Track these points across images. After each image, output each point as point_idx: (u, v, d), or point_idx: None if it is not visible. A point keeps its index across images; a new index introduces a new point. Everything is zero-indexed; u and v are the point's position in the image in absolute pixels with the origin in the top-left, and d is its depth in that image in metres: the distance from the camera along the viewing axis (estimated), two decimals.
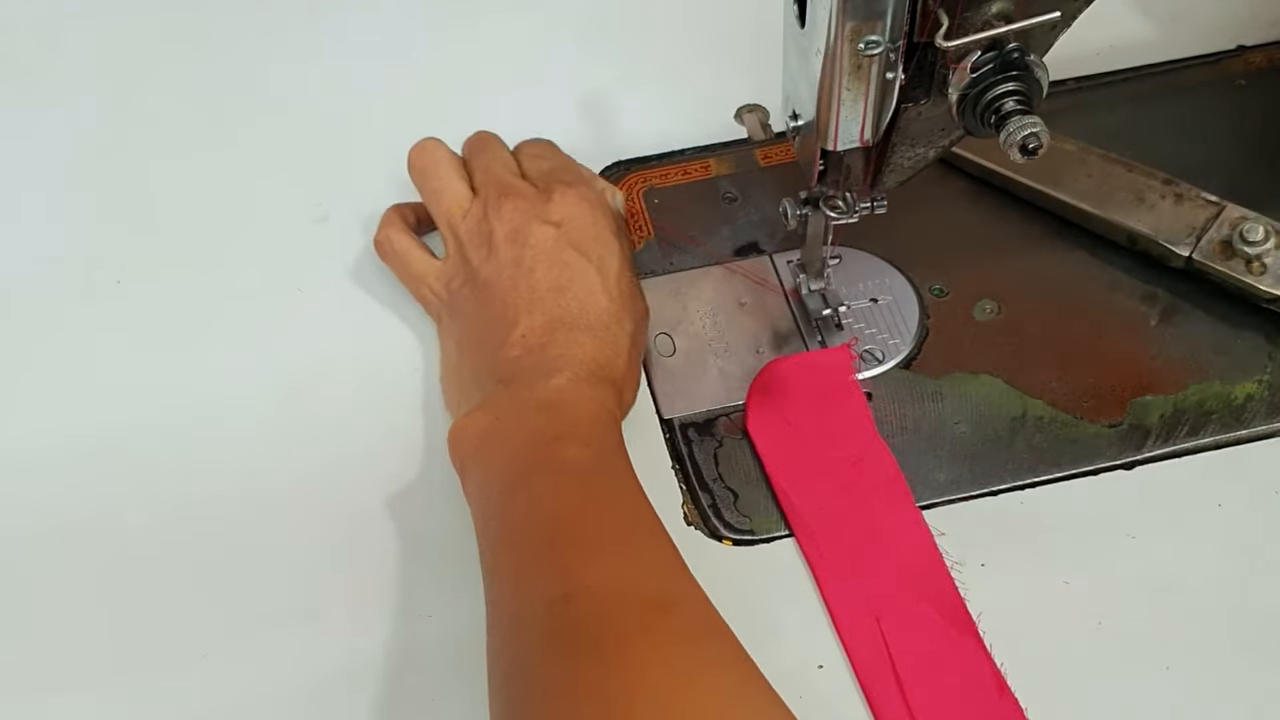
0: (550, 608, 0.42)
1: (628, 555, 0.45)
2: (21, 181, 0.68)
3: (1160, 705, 0.47)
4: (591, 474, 0.48)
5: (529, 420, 0.49)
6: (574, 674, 0.40)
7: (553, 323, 0.53)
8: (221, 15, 0.75)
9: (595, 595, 0.42)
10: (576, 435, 0.49)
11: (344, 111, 0.70)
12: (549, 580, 0.43)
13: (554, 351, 0.52)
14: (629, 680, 0.39)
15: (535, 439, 0.48)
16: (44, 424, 0.58)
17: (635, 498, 0.48)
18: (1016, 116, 0.44)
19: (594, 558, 0.44)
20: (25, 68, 0.74)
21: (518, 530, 0.46)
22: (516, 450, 0.48)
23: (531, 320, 0.53)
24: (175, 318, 0.61)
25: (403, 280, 0.60)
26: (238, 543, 0.53)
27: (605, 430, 0.50)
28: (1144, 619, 0.49)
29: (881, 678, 0.48)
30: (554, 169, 0.59)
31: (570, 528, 0.45)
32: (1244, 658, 0.48)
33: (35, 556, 0.53)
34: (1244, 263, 0.57)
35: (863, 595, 0.50)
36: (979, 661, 0.48)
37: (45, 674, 0.50)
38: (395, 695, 0.49)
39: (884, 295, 0.59)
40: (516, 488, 0.47)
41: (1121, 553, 0.51)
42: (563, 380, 0.51)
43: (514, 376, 0.51)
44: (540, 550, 0.45)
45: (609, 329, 0.53)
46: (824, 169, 0.51)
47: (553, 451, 0.48)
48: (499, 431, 0.49)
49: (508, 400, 0.50)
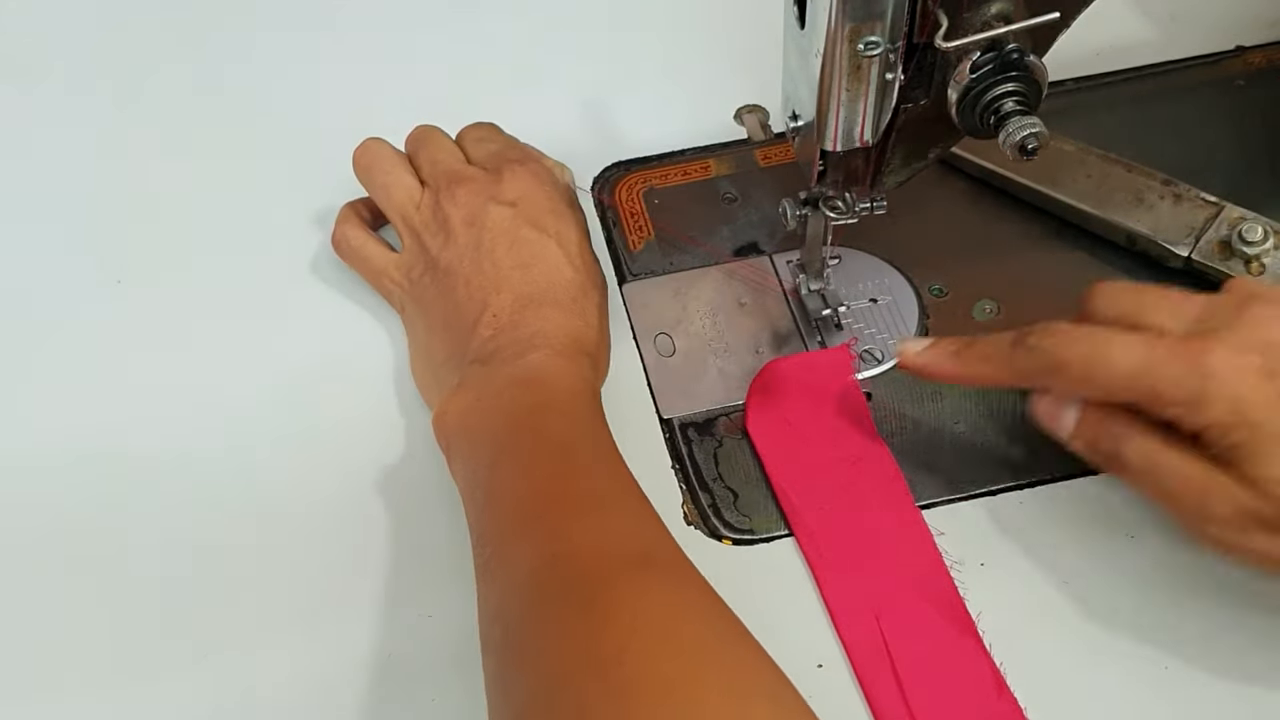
0: (538, 571, 0.44)
1: (609, 517, 0.46)
2: (21, 181, 0.68)
3: (1160, 705, 0.47)
4: (572, 444, 0.49)
5: (509, 395, 0.50)
6: (567, 628, 0.41)
7: (521, 300, 0.53)
8: (221, 15, 0.75)
9: (581, 555, 0.44)
10: (555, 407, 0.50)
11: (344, 111, 0.69)
12: (536, 544, 0.45)
13: (526, 329, 0.52)
14: (619, 629, 0.40)
15: (516, 412, 0.50)
16: (44, 424, 0.58)
17: (614, 465, 0.49)
18: (1016, 117, 0.44)
19: (577, 521, 0.46)
20: (25, 67, 0.74)
21: (504, 500, 0.47)
22: (498, 425, 0.49)
23: (500, 299, 0.54)
24: (175, 317, 0.61)
25: (363, 275, 0.60)
26: (238, 543, 0.53)
27: (584, 401, 0.51)
28: (1144, 619, 0.49)
29: (881, 677, 0.48)
30: (500, 150, 0.60)
31: (554, 494, 0.47)
32: (1244, 658, 0.48)
33: (35, 556, 0.53)
34: (1243, 263, 0.57)
35: (862, 594, 0.50)
36: (978, 661, 0.48)
37: (45, 674, 0.50)
38: (395, 695, 0.49)
39: (884, 295, 0.59)
40: (500, 460, 0.49)
41: (1121, 553, 0.51)
42: (539, 356, 0.51)
43: (490, 356, 0.52)
44: (526, 517, 0.46)
45: (576, 301, 0.54)
46: (824, 169, 0.51)
47: (533, 422, 0.49)
48: (480, 409, 0.50)
49: (486, 378, 0.51)
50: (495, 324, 0.53)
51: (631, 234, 0.63)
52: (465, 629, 0.50)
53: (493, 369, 0.51)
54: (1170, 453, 0.45)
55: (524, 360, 0.51)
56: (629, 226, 0.63)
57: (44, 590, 0.53)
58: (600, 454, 0.50)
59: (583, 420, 0.51)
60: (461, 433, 0.51)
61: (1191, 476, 0.44)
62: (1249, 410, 0.42)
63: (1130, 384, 0.44)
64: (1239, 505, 0.43)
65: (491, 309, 0.53)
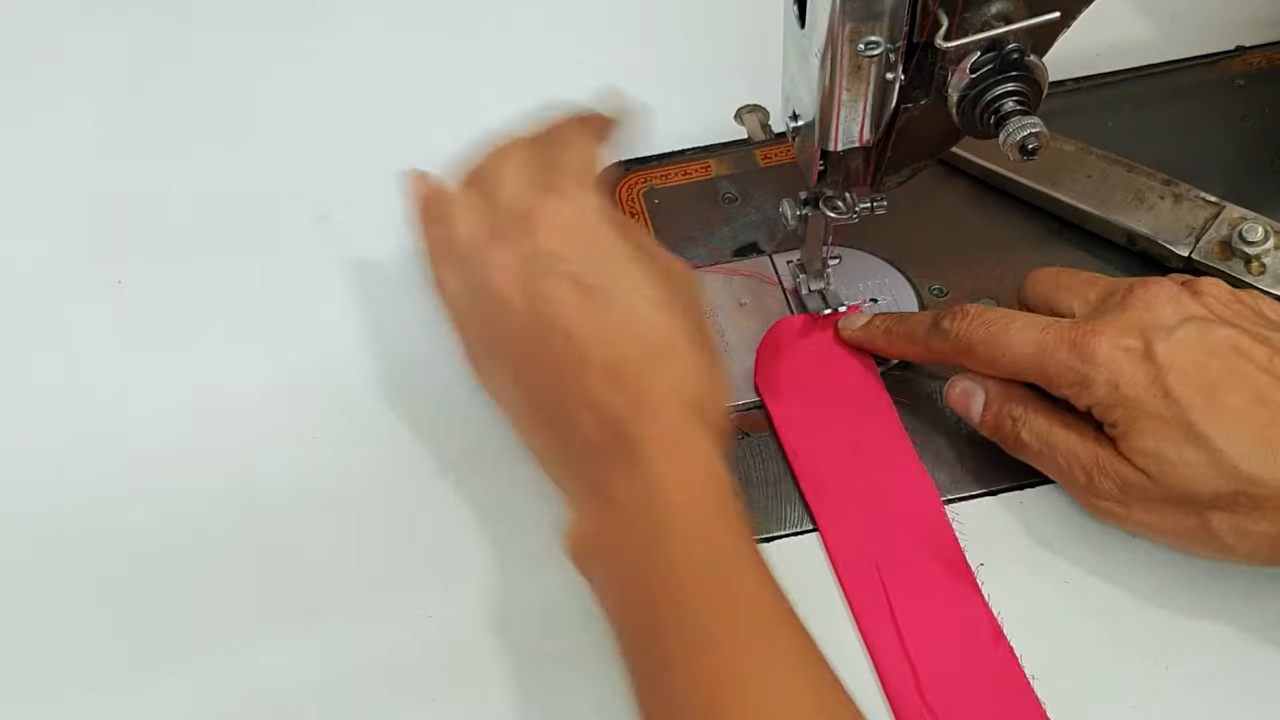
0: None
1: (781, 699, 0.40)
2: (22, 181, 0.68)
3: (1160, 705, 0.47)
4: (716, 632, 0.42)
5: (632, 544, 0.44)
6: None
7: (609, 370, 0.46)
8: (221, 15, 0.75)
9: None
10: (691, 561, 0.43)
11: (344, 111, 0.70)
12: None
13: (626, 413, 0.45)
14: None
15: (648, 570, 0.43)
16: (44, 424, 0.58)
17: (768, 631, 0.42)
18: (1016, 117, 0.44)
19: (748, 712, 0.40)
20: (25, 67, 0.74)
21: (647, 682, 0.43)
22: (631, 580, 0.44)
23: (586, 379, 0.46)
24: (175, 317, 0.61)
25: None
26: (238, 542, 0.53)
27: (720, 524, 0.44)
28: (1144, 619, 0.49)
29: (881, 625, 0.49)
30: (552, 159, 0.52)
31: (716, 697, 0.41)
32: (1244, 658, 0.48)
33: (35, 556, 0.53)
34: (1243, 263, 0.57)
35: (864, 545, 0.51)
36: (976, 610, 0.49)
37: (45, 674, 0.50)
38: (395, 695, 0.49)
39: (884, 295, 0.59)
40: (638, 631, 0.43)
41: (1121, 553, 0.51)
42: (655, 460, 0.44)
43: (597, 456, 0.46)
44: (673, 707, 0.41)
45: (669, 341, 0.47)
46: (824, 169, 0.51)
47: (671, 596, 0.42)
48: (606, 543, 0.45)
49: (604, 501, 0.45)
50: (592, 410, 0.46)
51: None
52: (465, 629, 0.50)
53: (605, 475, 0.45)
54: (1061, 433, 0.49)
55: (640, 471, 0.44)
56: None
57: (44, 590, 0.53)
58: (750, 623, 0.43)
59: (723, 560, 0.43)
60: (596, 568, 0.46)
61: (1079, 454, 0.48)
62: (1126, 390, 0.46)
63: (1026, 366, 0.49)
64: (1120, 479, 0.47)
65: (579, 397, 0.46)
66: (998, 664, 0.47)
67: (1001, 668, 0.47)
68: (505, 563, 0.52)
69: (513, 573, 0.52)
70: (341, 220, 0.65)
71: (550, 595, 0.51)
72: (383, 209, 0.64)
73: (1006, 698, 0.47)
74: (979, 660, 0.48)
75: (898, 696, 0.47)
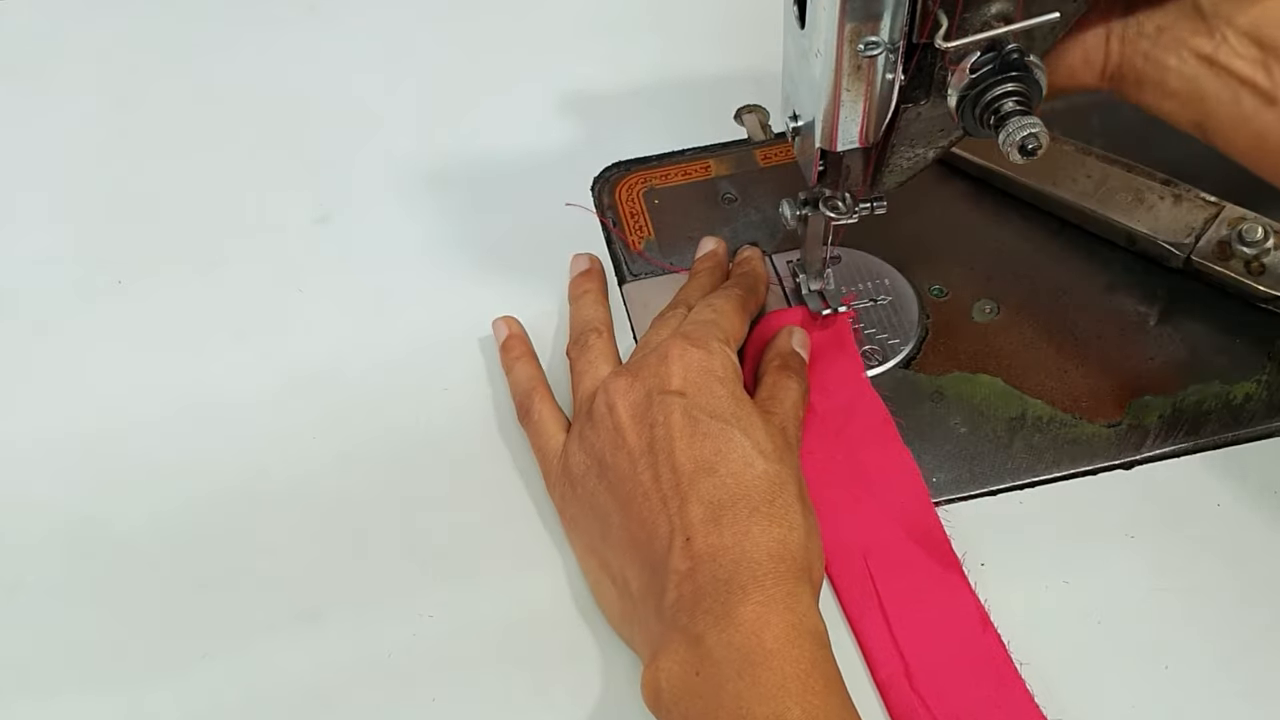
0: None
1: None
2: (22, 181, 0.68)
3: (1160, 705, 0.47)
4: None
5: (730, 687, 0.43)
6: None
7: (713, 514, 0.46)
8: (221, 15, 0.75)
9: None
10: (790, 715, 0.42)
11: (344, 111, 0.70)
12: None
13: (727, 559, 0.45)
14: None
15: (743, 717, 0.42)
16: (44, 424, 0.58)
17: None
18: (1016, 117, 0.44)
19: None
20: (26, 67, 0.74)
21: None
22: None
23: (687, 516, 0.46)
24: (176, 318, 0.61)
25: (534, 450, 0.54)
26: (238, 543, 0.53)
27: (819, 682, 0.43)
28: (1144, 619, 0.49)
29: (869, 613, 0.49)
30: (696, 315, 0.54)
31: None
32: (1244, 657, 0.48)
33: (35, 556, 0.53)
34: (1243, 263, 0.57)
35: (851, 533, 0.51)
36: (963, 596, 0.49)
37: (45, 674, 0.50)
38: (396, 695, 0.49)
39: (884, 295, 0.59)
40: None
41: (1121, 553, 0.51)
42: (753, 611, 0.44)
43: (694, 605, 0.45)
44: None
45: (774, 499, 0.47)
46: (824, 169, 0.51)
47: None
48: (698, 691, 0.43)
49: (697, 645, 0.44)
50: (689, 554, 0.45)
51: (631, 234, 0.63)
52: (465, 629, 0.50)
53: (701, 625, 0.44)
54: None
55: (737, 619, 0.43)
56: (629, 226, 0.63)
57: (44, 589, 0.53)
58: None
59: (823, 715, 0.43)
60: (681, 714, 0.44)
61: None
62: None
63: None
64: None
65: (681, 532, 0.46)
66: (986, 650, 0.48)
67: (989, 654, 0.48)
68: (505, 563, 0.52)
69: (512, 573, 0.52)
70: (341, 220, 0.65)
71: (550, 595, 0.51)
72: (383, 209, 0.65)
73: (995, 683, 0.47)
74: (967, 647, 0.48)
75: (887, 685, 0.47)
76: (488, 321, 0.59)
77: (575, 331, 0.57)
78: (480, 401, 0.57)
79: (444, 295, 0.61)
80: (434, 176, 0.66)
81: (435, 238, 0.63)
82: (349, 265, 0.63)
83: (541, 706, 0.48)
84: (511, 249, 0.63)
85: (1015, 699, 0.47)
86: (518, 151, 0.67)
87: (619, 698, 0.48)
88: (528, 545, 0.53)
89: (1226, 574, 0.50)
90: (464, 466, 0.55)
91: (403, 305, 0.61)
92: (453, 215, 0.65)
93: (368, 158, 0.67)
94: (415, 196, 0.65)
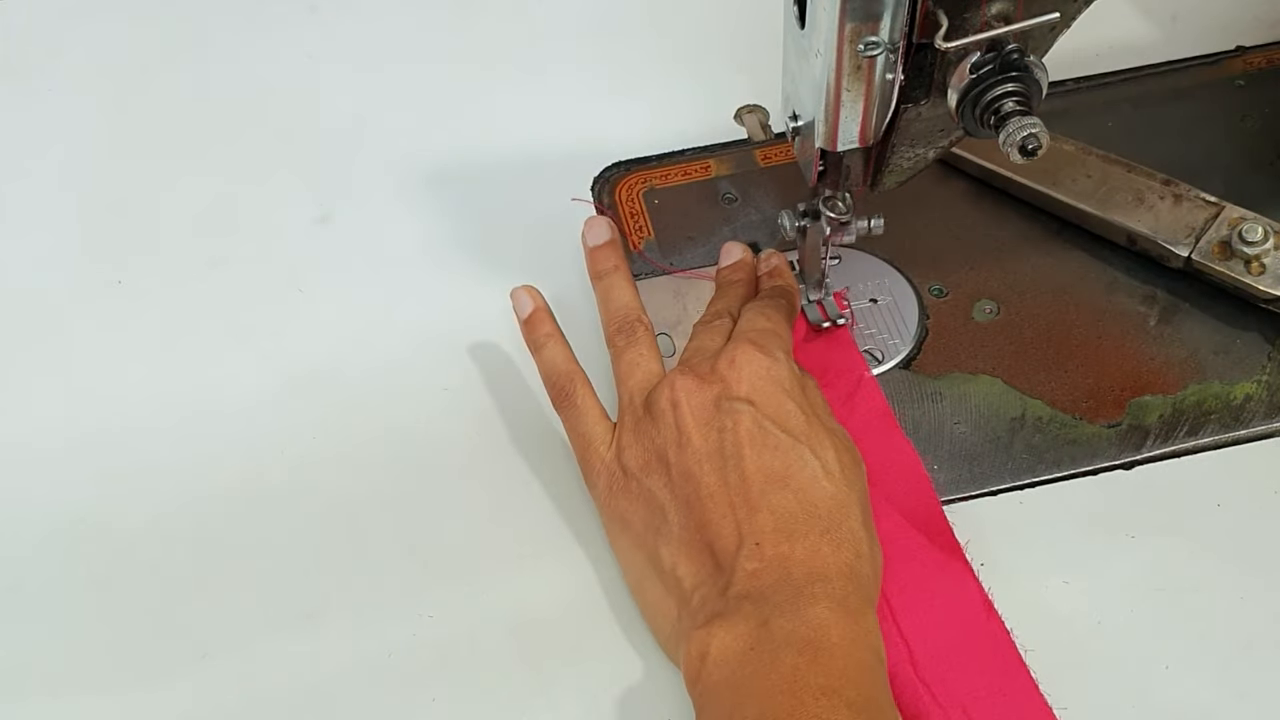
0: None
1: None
2: (22, 181, 0.68)
3: (1160, 705, 0.47)
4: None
5: (790, 664, 0.43)
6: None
7: (782, 526, 0.46)
8: (222, 15, 0.75)
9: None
10: (844, 693, 0.42)
11: (344, 111, 0.70)
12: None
13: (799, 568, 0.45)
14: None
15: (797, 687, 0.42)
16: (44, 423, 0.58)
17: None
18: (1016, 117, 0.44)
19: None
20: (26, 67, 0.74)
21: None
22: (774, 692, 0.42)
23: (757, 524, 0.46)
24: (175, 318, 0.61)
25: (570, 436, 0.53)
26: (238, 542, 0.53)
27: (875, 683, 0.44)
28: (1144, 619, 0.49)
29: None
30: (753, 324, 0.53)
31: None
32: (1244, 657, 0.48)
33: (34, 556, 0.53)
34: (1243, 263, 0.57)
35: None
36: (966, 584, 0.49)
37: (45, 674, 0.50)
38: (395, 695, 0.49)
39: (884, 296, 0.59)
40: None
41: (1121, 553, 0.51)
42: (822, 612, 0.44)
43: (760, 594, 0.45)
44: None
45: (840, 522, 0.47)
46: (823, 169, 0.51)
47: (819, 710, 0.41)
48: (755, 665, 0.43)
49: (760, 622, 0.44)
50: (759, 556, 0.45)
51: (631, 234, 0.63)
52: (465, 629, 0.50)
53: (767, 611, 0.44)
54: None
55: (805, 615, 0.44)
56: (629, 226, 0.63)
57: (44, 590, 0.53)
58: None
59: (872, 710, 0.43)
60: (728, 687, 0.43)
61: None
62: None
63: None
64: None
65: (751, 537, 0.46)
66: (990, 637, 0.48)
67: (994, 640, 0.48)
68: (505, 563, 0.52)
69: (512, 573, 0.52)
70: (341, 220, 0.65)
71: (549, 595, 0.51)
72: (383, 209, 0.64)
73: (999, 670, 0.47)
74: (971, 633, 0.48)
75: (891, 672, 0.47)
76: (488, 321, 0.59)
77: (617, 318, 0.55)
78: (480, 401, 0.57)
79: (444, 295, 0.61)
80: (434, 176, 0.66)
81: (435, 238, 0.63)
82: (349, 265, 0.63)
83: (542, 707, 0.48)
84: (511, 249, 0.63)
85: (1019, 685, 0.47)
86: (518, 151, 0.67)
87: (619, 697, 0.48)
88: (528, 545, 0.53)
89: (1226, 574, 0.50)
90: (464, 466, 0.55)
91: (403, 305, 0.61)
92: (453, 215, 0.65)
93: (368, 157, 0.67)
94: (415, 196, 0.65)
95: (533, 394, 0.57)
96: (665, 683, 0.48)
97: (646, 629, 0.50)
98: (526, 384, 0.57)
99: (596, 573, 0.52)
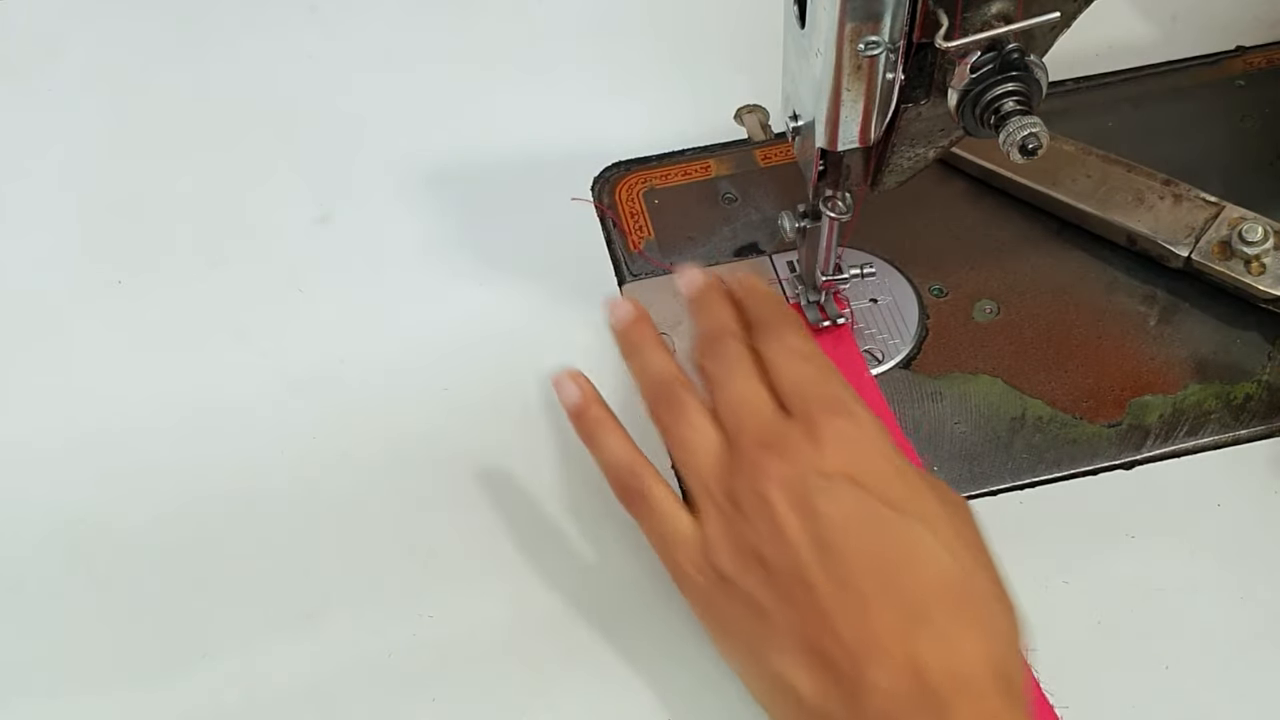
0: None
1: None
2: (22, 181, 0.68)
3: (1160, 705, 0.47)
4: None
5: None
6: None
7: (906, 622, 0.41)
8: (222, 15, 0.75)
9: None
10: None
11: (344, 111, 0.70)
12: None
13: (936, 674, 0.40)
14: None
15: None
16: (44, 424, 0.58)
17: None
18: (1016, 117, 0.44)
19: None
20: (26, 67, 0.74)
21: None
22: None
23: (879, 623, 0.41)
24: (175, 318, 0.61)
25: (649, 537, 0.48)
26: (238, 542, 0.53)
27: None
28: (1144, 619, 0.49)
29: None
30: (808, 376, 0.46)
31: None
32: (1244, 657, 0.48)
33: (34, 556, 0.53)
34: (1243, 263, 0.57)
35: None
36: None
37: (45, 674, 0.50)
38: (396, 695, 0.49)
39: (884, 295, 0.59)
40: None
41: (1121, 553, 0.51)
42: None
43: (892, 707, 0.40)
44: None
45: (969, 602, 0.41)
46: (824, 169, 0.51)
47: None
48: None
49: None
50: (890, 667, 0.40)
51: (631, 234, 0.63)
52: (465, 629, 0.50)
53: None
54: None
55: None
56: (629, 226, 0.63)
57: (44, 590, 0.53)
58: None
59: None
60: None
61: None
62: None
63: None
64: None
65: (877, 645, 0.40)
66: None
67: None
68: (505, 563, 0.52)
69: (513, 573, 0.52)
70: (341, 220, 0.65)
71: (549, 595, 0.51)
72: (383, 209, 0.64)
73: None
74: None
75: None
76: (488, 321, 0.59)
77: (653, 387, 0.49)
78: (480, 401, 0.57)
79: (444, 295, 0.61)
80: (434, 176, 0.66)
81: (435, 238, 0.63)
82: (349, 265, 0.63)
83: (542, 707, 0.48)
84: (512, 249, 0.63)
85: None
86: (518, 151, 0.67)
87: (619, 698, 0.48)
88: (528, 545, 0.53)
89: (1226, 574, 0.50)
90: (464, 466, 0.55)
91: (403, 305, 0.61)
92: (453, 215, 0.65)
93: (368, 157, 0.67)
94: (415, 196, 0.65)
95: (532, 394, 0.57)
96: (665, 683, 0.48)
97: (647, 629, 0.50)
98: (526, 384, 0.57)
99: (597, 573, 0.52)
